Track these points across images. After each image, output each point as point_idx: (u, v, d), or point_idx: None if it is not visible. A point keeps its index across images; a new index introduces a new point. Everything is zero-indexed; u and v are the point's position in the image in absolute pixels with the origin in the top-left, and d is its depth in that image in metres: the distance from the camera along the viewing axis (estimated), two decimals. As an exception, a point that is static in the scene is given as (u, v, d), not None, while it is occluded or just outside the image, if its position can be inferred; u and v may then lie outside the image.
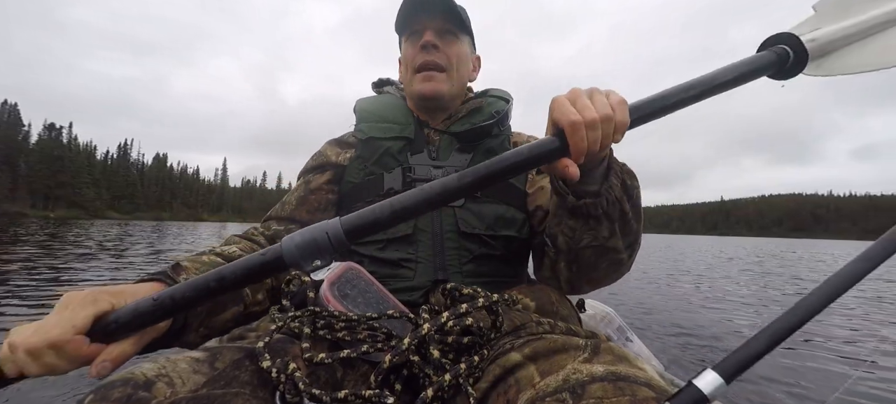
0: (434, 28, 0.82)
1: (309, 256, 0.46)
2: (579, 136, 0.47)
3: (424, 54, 0.82)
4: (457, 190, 0.49)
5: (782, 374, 2.02)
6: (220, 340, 0.55)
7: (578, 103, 0.48)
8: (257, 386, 0.44)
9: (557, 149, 0.49)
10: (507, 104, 0.89)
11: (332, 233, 0.46)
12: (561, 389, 0.41)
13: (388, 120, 0.87)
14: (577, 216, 0.61)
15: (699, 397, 0.29)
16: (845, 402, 1.71)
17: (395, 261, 0.74)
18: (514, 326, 0.61)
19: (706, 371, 0.30)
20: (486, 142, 0.84)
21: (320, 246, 0.46)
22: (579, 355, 0.47)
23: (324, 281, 0.58)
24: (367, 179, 0.82)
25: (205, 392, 0.40)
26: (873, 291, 5.14)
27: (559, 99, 0.50)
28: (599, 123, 0.48)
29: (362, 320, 0.55)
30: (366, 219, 0.48)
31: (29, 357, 0.42)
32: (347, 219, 0.48)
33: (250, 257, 0.47)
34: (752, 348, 0.30)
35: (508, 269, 0.79)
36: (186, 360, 0.44)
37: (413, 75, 0.84)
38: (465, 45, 0.87)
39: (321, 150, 0.91)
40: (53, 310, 0.45)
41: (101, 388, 0.38)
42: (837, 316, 3.51)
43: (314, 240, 0.46)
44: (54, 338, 0.42)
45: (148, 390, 0.38)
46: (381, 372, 0.49)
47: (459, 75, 0.86)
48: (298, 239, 0.46)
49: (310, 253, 0.46)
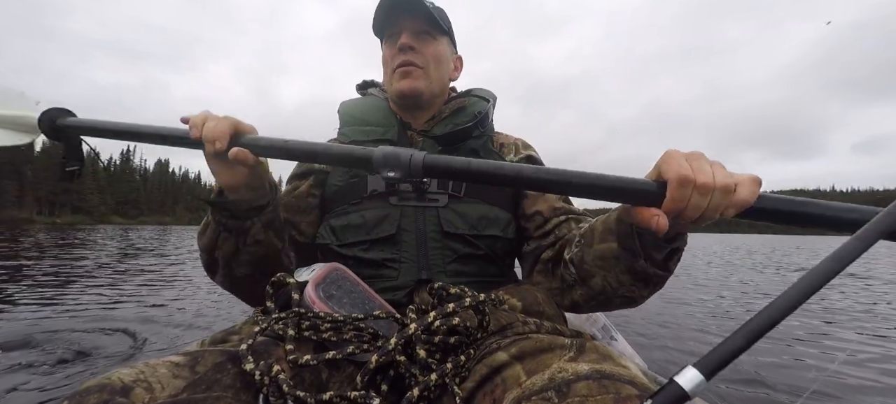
0: (410, 30, 0.84)
1: (389, 165, 0.54)
2: (683, 193, 0.43)
3: (401, 55, 0.84)
4: (528, 181, 0.50)
5: (763, 368, 2.08)
6: (202, 344, 0.54)
7: (695, 164, 0.44)
8: (240, 389, 0.44)
9: (650, 194, 0.45)
10: (488, 104, 0.90)
11: (414, 158, 0.53)
12: (547, 388, 0.42)
13: (371, 123, 0.87)
14: (634, 275, 0.59)
15: (680, 394, 0.29)
16: (823, 394, 1.78)
17: (379, 262, 0.74)
18: (500, 326, 0.61)
19: (687, 368, 0.30)
20: (469, 143, 0.85)
21: (401, 162, 0.53)
22: (565, 354, 0.48)
23: (308, 282, 0.57)
24: (350, 182, 0.82)
25: (185, 396, 0.40)
26: (855, 286, 5.29)
27: (675, 152, 0.45)
28: (713, 191, 0.43)
29: (348, 321, 0.54)
30: (442, 162, 0.53)
31: (202, 124, 0.61)
32: (430, 156, 0.54)
33: (347, 147, 0.58)
34: (732, 344, 0.31)
35: (493, 269, 0.80)
36: (166, 365, 0.44)
37: (392, 74, 0.85)
38: (442, 46, 0.88)
39: None
40: (213, 115, 0.63)
41: (76, 395, 0.38)
42: (817, 312, 3.62)
43: (398, 156, 0.53)
44: (218, 117, 0.61)
45: (125, 396, 0.38)
46: (368, 372, 0.49)
47: (438, 75, 0.87)
48: (389, 149, 0.54)
49: (391, 163, 0.54)
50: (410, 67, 0.83)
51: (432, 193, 0.79)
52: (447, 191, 0.80)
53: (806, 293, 0.32)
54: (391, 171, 0.53)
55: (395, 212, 0.77)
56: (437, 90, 0.88)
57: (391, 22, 0.85)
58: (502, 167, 0.50)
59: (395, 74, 0.85)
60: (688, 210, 0.44)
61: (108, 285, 3.85)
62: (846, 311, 3.74)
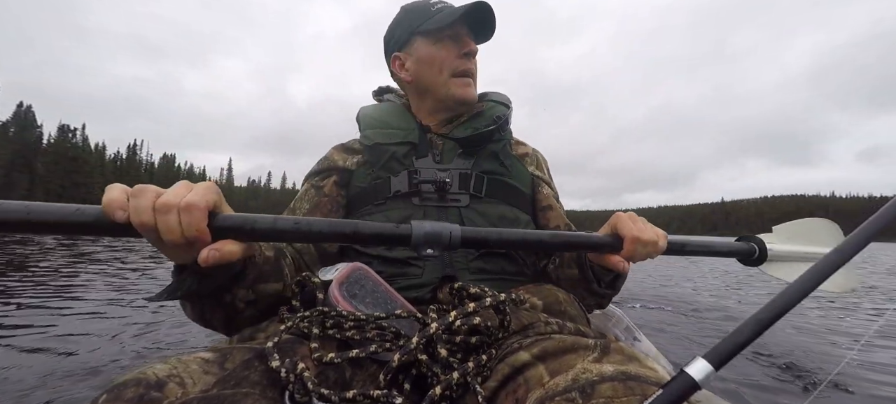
0: (473, 39, 0.88)
1: (430, 243, 0.53)
2: (636, 249, 0.64)
3: (466, 61, 0.87)
4: (549, 244, 0.62)
5: (770, 360, 2.09)
6: (231, 341, 0.55)
7: (638, 225, 0.65)
8: (267, 386, 0.44)
9: (612, 246, 0.65)
10: (508, 109, 0.92)
11: (453, 234, 0.54)
12: (570, 388, 0.41)
13: (392, 126, 0.89)
14: (591, 294, 0.76)
15: (690, 384, 0.30)
16: (834, 386, 1.76)
17: (403, 260, 0.75)
18: (521, 326, 0.61)
19: (697, 359, 0.31)
20: (489, 146, 0.86)
21: (441, 240, 0.53)
22: (589, 355, 0.47)
23: (332, 281, 0.58)
24: (374, 183, 0.84)
25: (215, 392, 0.40)
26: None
27: (624, 216, 0.66)
28: (649, 245, 0.64)
29: (371, 320, 0.55)
30: (480, 235, 0.58)
31: (158, 211, 0.43)
32: (467, 230, 0.56)
33: (382, 224, 0.54)
34: (739, 336, 0.32)
35: (514, 268, 0.81)
36: (197, 361, 0.45)
37: (450, 78, 0.86)
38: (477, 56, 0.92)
39: (327, 155, 0.92)
40: (178, 186, 0.46)
41: (114, 388, 0.39)
42: (822, 305, 3.61)
43: (439, 234, 0.53)
44: (190, 201, 0.44)
45: (160, 390, 0.39)
46: (390, 371, 0.49)
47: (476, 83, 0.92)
48: (428, 227, 0.53)
49: (431, 241, 0.53)
50: (471, 78, 0.87)
51: (454, 194, 0.81)
52: (469, 192, 0.81)
53: (810, 286, 0.33)
54: (430, 248, 0.54)
55: (418, 211, 0.79)
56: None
57: (459, 26, 0.86)
58: (527, 235, 0.61)
59: (455, 80, 0.86)
60: (635, 257, 0.65)
61: (121, 279, 3.89)
62: (854, 304, 3.75)
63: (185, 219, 0.44)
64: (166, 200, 0.43)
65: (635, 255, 0.65)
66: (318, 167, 0.91)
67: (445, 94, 0.87)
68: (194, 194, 0.45)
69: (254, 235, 0.48)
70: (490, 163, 0.86)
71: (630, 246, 0.64)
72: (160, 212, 0.43)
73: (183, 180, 0.48)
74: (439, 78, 0.87)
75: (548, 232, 0.64)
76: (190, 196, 0.44)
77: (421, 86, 0.90)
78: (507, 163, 0.87)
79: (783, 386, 1.77)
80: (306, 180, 0.91)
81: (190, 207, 0.44)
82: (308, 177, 0.91)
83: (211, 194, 0.46)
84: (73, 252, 6.41)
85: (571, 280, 0.78)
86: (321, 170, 0.90)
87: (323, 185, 0.87)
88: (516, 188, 0.86)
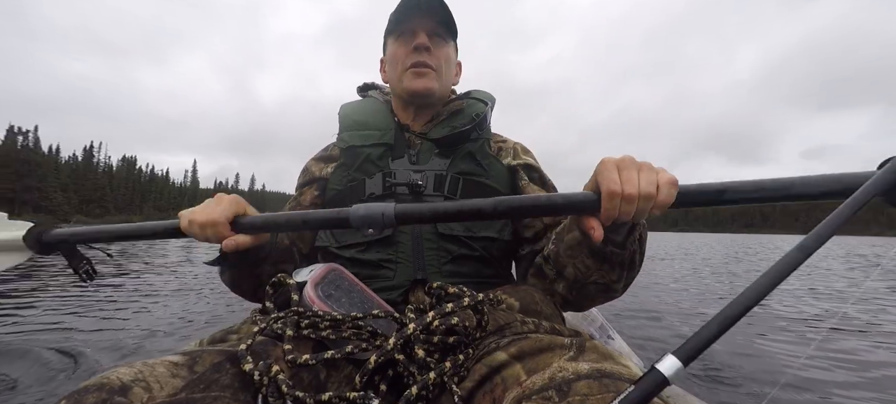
0: (426, 30, 0.84)
1: (367, 224, 0.59)
2: (613, 205, 0.51)
3: (416, 54, 0.84)
4: (491, 213, 0.56)
5: (737, 355, 2.19)
6: (200, 343, 0.54)
7: (624, 174, 0.51)
8: (238, 389, 0.43)
9: (590, 206, 0.53)
10: (487, 106, 0.90)
11: (385, 213, 0.58)
12: (547, 387, 0.42)
13: (369, 126, 0.88)
14: (596, 257, 0.65)
15: (661, 380, 0.31)
16: (794, 385, 1.85)
17: (375, 262, 0.75)
18: (498, 326, 0.61)
19: (667, 356, 0.32)
20: (466, 145, 0.85)
21: (375, 220, 0.58)
22: (565, 353, 0.48)
23: (307, 282, 0.57)
24: (349, 186, 0.83)
25: (183, 396, 0.39)
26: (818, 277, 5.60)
27: (608, 163, 0.52)
28: (637, 199, 0.50)
29: (347, 319, 0.54)
30: (413, 211, 0.58)
31: (197, 226, 0.65)
32: (400, 207, 0.58)
33: (325, 211, 0.64)
34: (707, 333, 0.32)
35: (489, 270, 0.80)
36: (164, 364, 0.43)
37: (404, 73, 0.85)
38: (451, 49, 0.89)
39: (306, 167, 0.94)
40: (212, 202, 0.67)
41: (74, 393, 0.37)
42: (783, 300, 3.82)
43: (372, 215, 0.58)
44: (214, 218, 0.64)
45: (124, 395, 0.37)
46: (367, 372, 0.49)
47: (447, 78, 0.89)
48: (363, 210, 0.59)
49: (368, 222, 0.58)
50: (425, 69, 0.84)
51: (428, 195, 0.80)
52: (443, 194, 0.80)
53: (775, 281, 0.34)
54: (370, 228, 0.59)
55: None
56: (443, 93, 0.89)
57: (407, 19, 0.85)
58: (464, 205, 0.57)
59: (408, 73, 0.84)
60: (620, 216, 0.52)
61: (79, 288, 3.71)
62: (813, 297, 3.98)
63: (211, 232, 0.65)
64: (202, 220, 0.65)
65: (619, 216, 0.51)
66: (301, 179, 0.94)
67: (402, 89, 0.87)
68: (217, 213, 0.65)
69: (249, 228, 0.66)
70: (467, 163, 0.84)
71: (607, 204, 0.51)
72: (202, 226, 0.65)
73: (218, 194, 0.69)
74: (396, 73, 0.87)
75: (490, 199, 0.55)
76: (215, 214, 0.65)
77: (391, 85, 0.92)
78: (485, 163, 0.85)
79: (751, 378, 1.85)
80: (295, 191, 0.94)
81: (214, 224, 0.65)
82: (296, 189, 0.94)
83: (231, 208, 0.66)
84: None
85: (571, 248, 0.67)
86: (304, 182, 0.92)
87: (304, 194, 0.90)
88: (493, 189, 0.84)
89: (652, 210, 0.51)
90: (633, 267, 0.67)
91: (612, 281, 0.67)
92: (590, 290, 0.70)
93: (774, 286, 0.34)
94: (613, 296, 0.72)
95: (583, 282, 0.69)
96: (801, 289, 4.76)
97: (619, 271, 0.66)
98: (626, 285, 0.70)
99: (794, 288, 4.74)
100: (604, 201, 0.51)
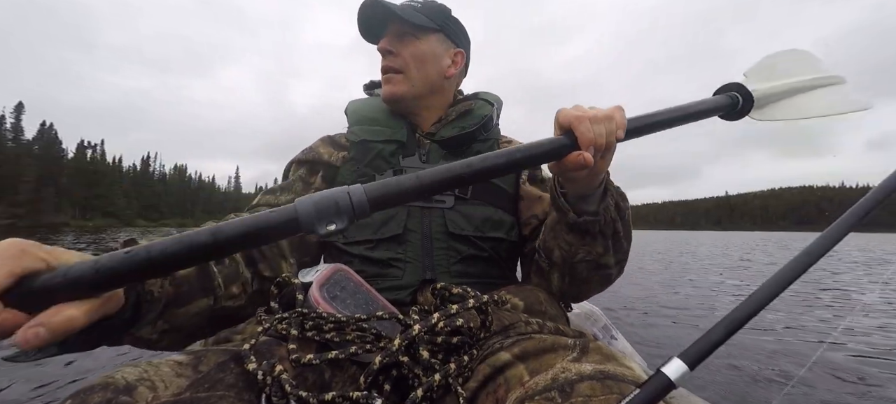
0: (391, 32, 0.85)
1: (326, 218, 0.41)
2: (586, 127, 0.52)
3: (383, 60, 0.85)
4: (471, 175, 0.49)
5: (744, 359, 2.16)
6: (205, 343, 0.54)
7: (580, 109, 0.55)
8: (243, 388, 0.44)
9: (566, 145, 0.53)
10: (493, 108, 0.90)
11: (354, 196, 0.43)
12: (550, 388, 0.42)
13: (380, 123, 0.87)
14: (575, 231, 0.65)
15: (667, 383, 0.31)
16: (804, 382, 1.84)
17: (384, 261, 0.74)
18: (503, 326, 0.61)
19: (673, 359, 0.32)
20: (474, 146, 0.85)
21: (341, 208, 0.42)
22: (568, 354, 0.48)
23: (312, 283, 0.57)
24: (359, 181, 0.82)
25: (188, 395, 0.40)
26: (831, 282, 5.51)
27: (563, 109, 0.55)
28: (602, 120, 0.54)
29: (351, 321, 0.54)
30: (390, 189, 0.45)
31: None
32: (372, 186, 0.45)
33: (258, 216, 0.40)
34: (713, 336, 0.32)
35: (496, 270, 0.80)
36: (169, 364, 0.44)
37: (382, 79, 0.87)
38: (427, 44, 0.85)
39: (313, 146, 0.89)
40: None
41: (79, 393, 0.37)
42: (792, 304, 3.74)
43: (335, 202, 0.42)
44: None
45: (129, 395, 0.37)
46: (371, 373, 0.49)
47: (422, 74, 0.85)
48: (317, 198, 0.42)
49: (328, 214, 0.41)
50: (389, 74, 0.84)
51: (438, 195, 0.78)
52: (454, 193, 0.80)
53: (782, 285, 0.34)
54: (332, 224, 0.42)
55: (401, 212, 0.77)
56: (422, 91, 0.86)
57: (371, 29, 0.86)
58: (449, 170, 0.48)
59: (382, 81, 0.86)
60: (596, 138, 0.53)
61: None
62: (824, 302, 3.90)
63: None
64: None
65: (595, 140, 0.53)
66: (303, 156, 0.87)
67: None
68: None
69: (99, 286, 0.36)
70: None
71: (580, 128, 0.52)
72: None
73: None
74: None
75: (462, 161, 0.49)
76: None
77: None
78: None
79: (756, 383, 1.83)
80: (292, 166, 0.88)
81: None
82: (294, 164, 0.88)
83: (6, 266, 0.33)
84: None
85: (552, 228, 0.68)
86: (307, 160, 0.87)
87: (312, 181, 0.85)
88: (502, 189, 0.85)
89: (618, 131, 0.55)
90: (618, 237, 0.67)
91: (599, 254, 0.67)
92: (580, 270, 0.69)
93: (783, 289, 0.34)
94: (608, 275, 0.71)
95: (571, 261, 0.68)
96: (811, 291, 4.67)
97: (603, 242, 0.66)
98: (619, 262, 0.70)
99: (804, 290, 4.65)
100: (575, 128, 0.53)
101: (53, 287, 0.34)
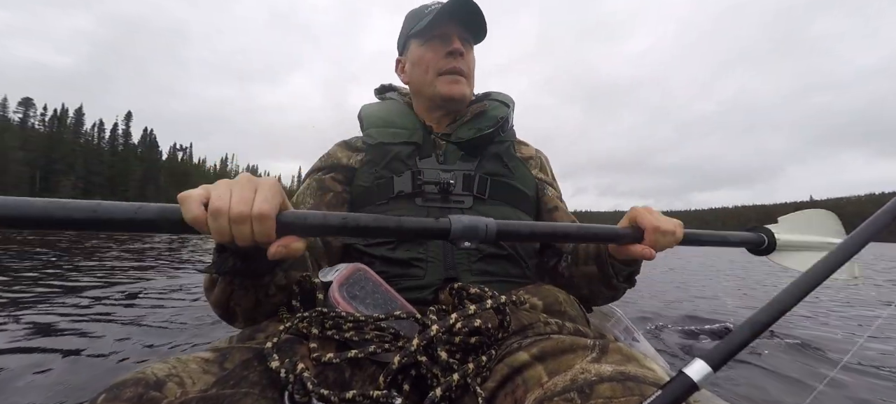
0: (460, 35, 0.87)
1: (467, 237, 0.53)
2: (657, 237, 0.65)
3: (451, 60, 0.86)
4: (575, 236, 0.63)
5: (768, 360, 2.09)
6: (230, 341, 0.55)
7: (656, 216, 0.66)
8: (266, 386, 0.45)
9: (634, 237, 0.66)
10: (509, 109, 0.92)
11: (489, 227, 0.54)
12: (569, 389, 0.41)
13: (397, 125, 0.88)
14: (609, 287, 0.77)
15: (689, 384, 0.31)
16: (831, 386, 1.75)
17: (406, 261, 0.74)
18: (521, 326, 0.61)
19: (695, 360, 0.32)
20: (491, 147, 0.87)
21: (478, 233, 0.53)
22: (588, 355, 0.47)
23: (332, 282, 0.58)
24: (377, 182, 0.83)
25: (214, 392, 0.41)
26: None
27: (641, 209, 0.68)
28: (668, 233, 0.65)
29: (370, 321, 0.55)
30: (512, 228, 0.58)
31: (226, 220, 0.43)
32: (502, 223, 0.56)
33: (421, 219, 0.54)
34: (737, 337, 0.32)
35: (516, 270, 0.80)
36: (196, 361, 0.45)
37: (436, 77, 0.86)
38: (474, 54, 0.91)
39: (330, 152, 0.92)
40: (242, 184, 0.45)
41: (112, 388, 0.39)
42: (815, 311, 3.54)
43: (476, 227, 0.53)
44: (262, 212, 0.44)
45: (159, 390, 0.39)
46: (391, 372, 0.49)
47: (473, 81, 0.91)
48: (466, 221, 0.53)
49: (469, 234, 0.53)
50: (458, 75, 0.86)
51: (457, 195, 0.80)
52: (472, 193, 0.81)
53: (805, 289, 0.34)
54: (468, 242, 0.54)
55: (421, 213, 0.78)
56: (471, 96, 0.92)
57: (444, 24, 0.86)
58: (556, 228, 0.62)
59: (442, 78, 0.86)
60: (657, 245, 0.66)
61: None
62: (851, 306, 3.71)
63: (257, 228, 0.44)
64: (240, 212, 0.43)
65: (657, 244, 0.65)
66: (320, 163, 0.89)
67: (433, 93, 0.87)
68: (264, 203, 0.45)
69: (310, 231, 0.49)
70: (493, 164, 0.85)
71: (651, 235, 0.65)
72: (235, 222, 0.44)
73: (245, 174, 0.48)
74: (426, 78, 0.88)
75: (574, 224, 0.64)
76: (261, 205, 0.44)
77: (415, 87, 0.92)
78: (511, 164, 0.87)
79: (780, 386, 1.77)
80: (308, 176, 0.89)
81: (262, 217, 0.44)
82: (310, 173, 0.89)
83: (277, 198, 0.47)
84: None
85: (588, 276, 0.78)
86: (324, 166, 0.88)
87: (326, 181, 0.85)
88: (520, 190, 0.86)
89: (673, 243, 0.67)
90: (633, 285, 0.81)
91: (616, 294, 0.80)
92: (598, 302, 0.84)
93: (807, 293, 0.34)
94: (616, 298, 0.84)
95: (592, 299, 0.83)
96: (835, 298, 4.36)
97: (611, 294, 0.80)
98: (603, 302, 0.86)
99: (828, 296, 4.38)
100: (649, 234, 0.65)
101: (294, 222, 0.48)
